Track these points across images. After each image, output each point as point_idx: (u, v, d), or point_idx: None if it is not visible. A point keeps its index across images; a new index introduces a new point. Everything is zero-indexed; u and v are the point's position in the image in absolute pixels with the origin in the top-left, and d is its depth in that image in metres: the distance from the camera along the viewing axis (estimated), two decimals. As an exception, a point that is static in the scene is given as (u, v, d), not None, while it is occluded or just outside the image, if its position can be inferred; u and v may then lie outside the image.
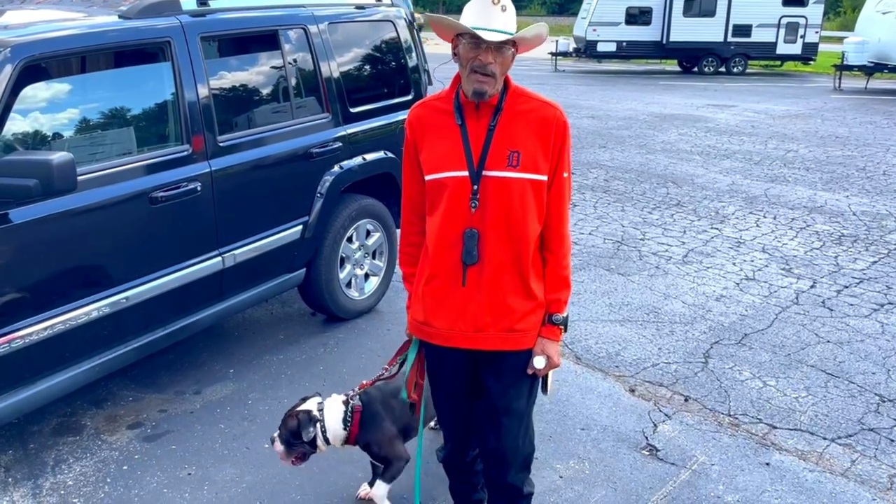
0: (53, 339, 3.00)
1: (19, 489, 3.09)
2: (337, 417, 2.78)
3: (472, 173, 2.18)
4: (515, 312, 2.26)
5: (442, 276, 2.26)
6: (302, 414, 2.77)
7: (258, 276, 3.98)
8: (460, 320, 2.26)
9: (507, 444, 2.38)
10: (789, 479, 3.21)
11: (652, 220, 7.13)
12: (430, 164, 2.26)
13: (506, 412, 2.35)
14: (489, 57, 2.08)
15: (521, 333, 2.28)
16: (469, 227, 2.19)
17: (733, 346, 4.45)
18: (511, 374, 2.33)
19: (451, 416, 2.54)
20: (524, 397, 2.37)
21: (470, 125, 2.20)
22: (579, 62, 27.28)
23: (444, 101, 2.27)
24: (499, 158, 2.17)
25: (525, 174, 2.18)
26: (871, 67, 19.65)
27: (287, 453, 2.79)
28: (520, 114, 2.20)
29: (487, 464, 2.47)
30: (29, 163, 2.68)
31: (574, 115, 13.65)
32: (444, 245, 2.24)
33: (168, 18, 3.48)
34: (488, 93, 2.12)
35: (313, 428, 2.75)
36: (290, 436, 2.76)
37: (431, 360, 2.46)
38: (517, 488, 2.48)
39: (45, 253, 2.96)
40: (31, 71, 2.95)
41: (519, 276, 2.25)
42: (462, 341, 2.29)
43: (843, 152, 10.68)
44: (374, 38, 4.73)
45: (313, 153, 4.14)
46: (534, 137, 2.19)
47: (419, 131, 2.29)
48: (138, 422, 3.59)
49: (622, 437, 3.50)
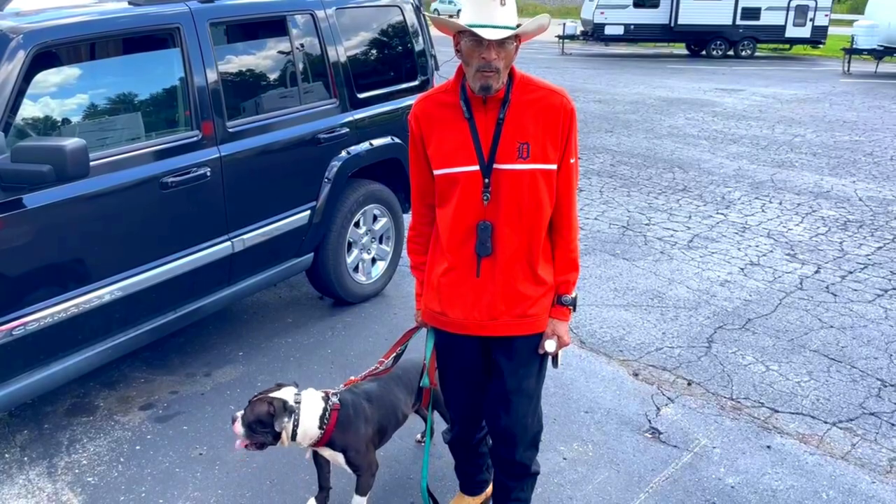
0: (67, 321, 3.06)
1: (35, 468, 3.16)
2: (314, 414, 2.57)
3: (483, 167, 2.20)
4: (528, 299, 2.32)
5: (458, 267, 2.31)
6: (278, 402, 2.53)
7: (267, 260, 4.03)
8: (475, 310, 2.32)
9: (517, 422, 2.44)
10: (790, 461, 3.26)
11: (658, 205, 7.14)
12: (439, 158, 2.27)
13: (516, 392, 2.41)
14: (492, 54, 2.08)
15: (533, 318, 2.34)
16: (482, 220, 2.23)
17: (737, 331, 4.48)
18: (522, 356, 2.39)
19: (459, 399, 2.59)
20: (534, 377, 2.44)
21: (478, 118, 2.21)
22: (587, 45, 27.14)
23: (450, 93, 2.26)
24: (509, 151, 2.19)
25: (535, 165, 2.20)
26: (880, 51, 19.52)
27: (245, 437, 2.55)
28: (527, 103, 2.21)
29: (497, 442, 2.53)
30: (42, 149, 2.72)
31: (581, 99, 13.61)
32: (458, 237, 2.28)
33: (177, 4, 3.51)
34: (493, 87, 2.13)
35: (288, 419, 2.53)
36: (257, 421, 2.52)
37: (443, 346, 2.51)
38: (525, 465, 2.54)
39: (59, 238, 3.01)
40: (43, 57, 2.98)
41: (530, 263, 2.30)
42: (477, 329, 2.35)
43: (851, 137, 10.64)
44: (381, 23, 4.74)
45: (321, 138, 4.17)
46: (542, 127, 2.20)
47: (426, 125, 2.30)
48: (150, 403, 3.65)
49: (625, 420, 3.55)
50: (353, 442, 2.63)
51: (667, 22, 23.32)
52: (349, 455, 2.63)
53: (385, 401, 2.77)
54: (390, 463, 3.17)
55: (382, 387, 2.80)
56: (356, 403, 2.68)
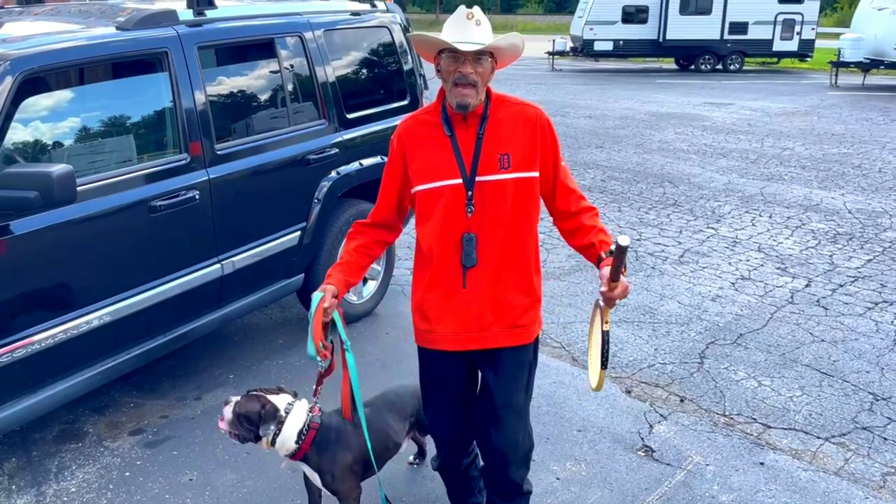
0: (55, 347, 3.03)
1: (23, 496, 3.13)
2: (295, 427, 2.56)
3: (465, 180, 2.27)
4: (516, 308, 2.35)
5: (444, 281, 2.33)
6: (270, 407, 2.54)
7: (257, 282, 4.02)
8: (464, 322, 2.33)
9: (508, 439, 2.44)
10: (783, 478, 3.25)
11: (648, 220, 7.17)
12: (421, 174, 2.33)
13: (505, 407, 2.42)
14: (468, 67, 2.18)
15: (522, 328, 2.37)
16: (467, 232, 2.27)
17: (729, 346, 4.49)
18: (509, 370, 2.40)
19: (447, 423, 2.58)
20: (522, 391, 2.45)
21: (459, 135, 2.30)
22: (576, 61, 27.32)
23: (432, 114, 2.36)
24: (490, 163, 2.27)
25: (517, 174, 2.28)
26: (867, 64, 19.72)
27: (231, 426, 2.55)
28: (504, 118, 2.31)
29: (488, 461, 2.53)
30: (29, 175, 2.71)
31: (571, 115, 13.69)
32: (443, 252, 2.31)
33: (165, 29, 3.51)
34: (471, 104, 2.22)
35: (273, 427, 2.53)
36: (245, 416, 2.52)
37: (429, 366, 2.50)
38: (517, 484, 2.54)
39: (47, 263, 2.99)
40: (31, 83, 2.98)
41: (517, 272, 2.34)
42: (467, 343, 2.35)
43: (840, 150, 10.72)
44: (369, 44, 4.77)
45: (310, 159, 4.17)
46: (520, 137, 2.29)
47: (409, 144, 2.38)
48: (140, 428, 3.62)
49: (618, 439, 3.54)
50: (328, 465, 2.58)
51: (655, 37, 23.54)
52: (325, 478, 2.60)
53: (373, 429, 2.66)
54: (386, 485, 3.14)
55: (373, 414, 2.72)
56: (340, 429, 2.62)
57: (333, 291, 2.42)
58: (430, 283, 2.36)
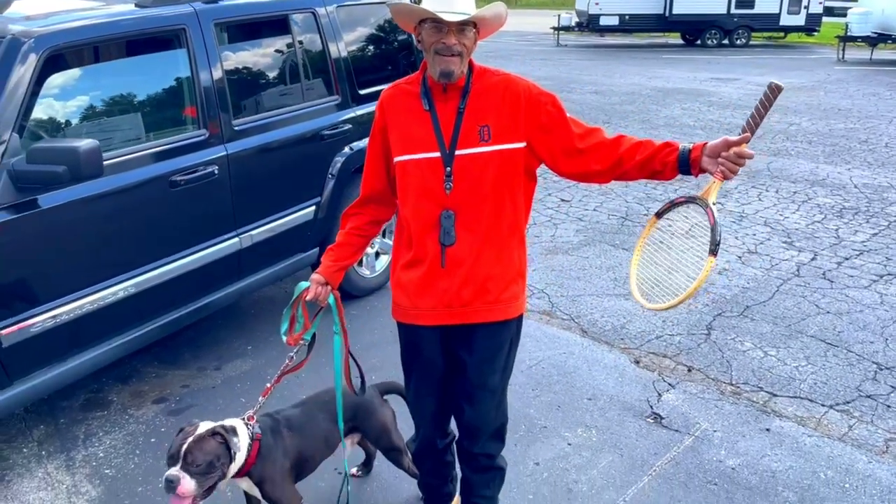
0: (82, 318, 3.13)
1: (53, 461, 3.24)
2: (245, 443, 2.36)
3: (444, 155, 2.20)
4: (497, 284, 2.28)
5: (423, 259, 2.27)
6: (219, 428, 2.30)
7: (274, 255, 4.11)
8: (445, 298, 2.27)
9: (481, 415, 2.43)
10: (788, 443, 3.35)
11: (656, 195, 7.22)
12: (400, 145, 2.27)
13: (480, 387, 2.39)
14: (452, 38, 2.10)
15: (504, 304, 2.31)
16: (445, 209, 2.21)
17: (735, 318, 4.57)
18: (483, 350, 2.36)
19: (425, 401, 2.54)
20: (498, 373, 2.41)
21: (439, 108, 2.21)
22: (582, 36, 27.14)
23: (414, 84, 2.27)
24: (470, 136, 2.19)
25: (497, 146, 2.19)
26: (874, 38, 19.58)
27: (198, 487, 2.21)
28: (487, 89, 2.22)
29: (462, 435, 2.51)
30: (57, 150, 2.79)
31: (577, 91, 13.66)
32: (421, 229, 2.25)
33: (182, 6, 3.57)
34: (455, 73, 2.13)
35: (237, 438, 2.32)
36: (208, 463, 2.22)
37: (409, 343, 2.47)
38: (490, 456, 2.52)
39: (74, 236, 3.08)
40: (55, 60, 3.05)
41: (497, 247, 2.26)
42: (448, 318, 2.30)
43: (846, 125, 10.72)
44: (379, 19, 4.80)
45: (324, 135, 4.24)
46: (503, 106, 2.20)
47: (390, 113, 2.30)
48: (163, 397, 3.73)
49: (628, 406, 3.64)
50: (269, 473, 2.42)
51: (661, 12, 23.32)
52: (265, 487, 2.43)
53: (307, 429, 2.59)
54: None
55: (305, 413, 2.65)
56: (276, 431, 2.50)
57: (319, 280, 2.44)
58: (410, 260, 2.31)
